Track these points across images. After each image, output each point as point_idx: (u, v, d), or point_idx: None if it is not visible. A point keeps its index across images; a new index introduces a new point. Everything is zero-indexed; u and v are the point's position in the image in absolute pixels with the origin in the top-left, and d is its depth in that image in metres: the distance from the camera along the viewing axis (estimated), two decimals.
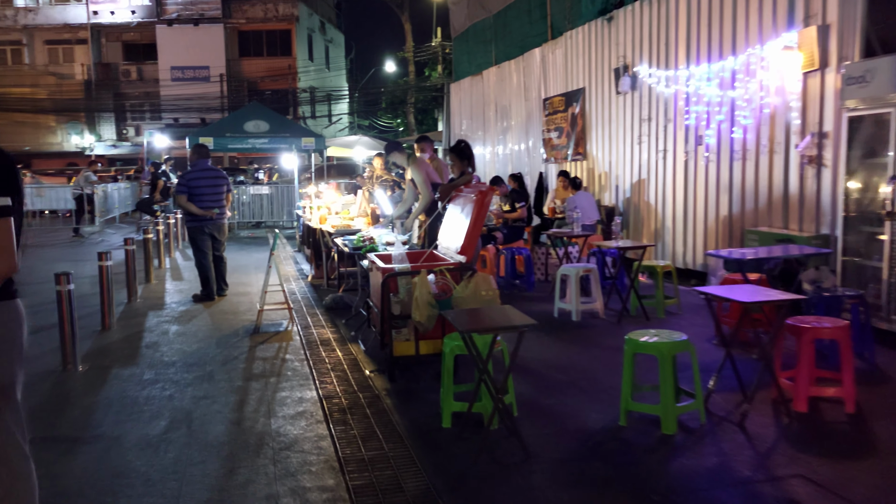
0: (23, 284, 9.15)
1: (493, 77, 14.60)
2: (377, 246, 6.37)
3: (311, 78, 37.83)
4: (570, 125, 11.26)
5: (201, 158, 8.43)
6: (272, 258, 7.05)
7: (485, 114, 15.27)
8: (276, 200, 17.90)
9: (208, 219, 8.25)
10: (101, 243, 14.45)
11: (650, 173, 9.24)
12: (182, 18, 35.27)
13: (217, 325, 7.06)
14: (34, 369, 5.52)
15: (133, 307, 8.00)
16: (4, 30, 35.38)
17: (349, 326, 6.89)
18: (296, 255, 12.47)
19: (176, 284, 9.57)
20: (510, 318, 3.77)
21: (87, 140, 34.86)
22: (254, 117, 17.40)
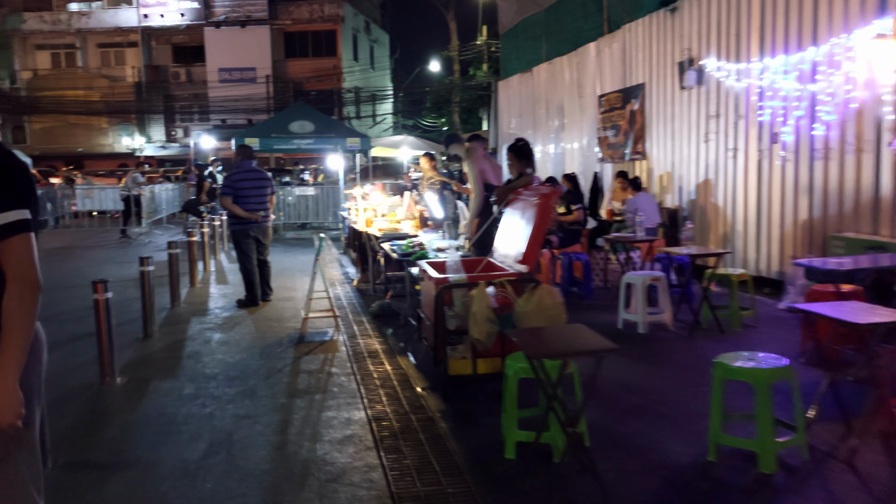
0: (67, 288, 9.03)
1: (544, 74, 14.09)
2: (427, 252, 5.95)
3: (355, 78, 37.77)
4: (628, 123, 10.69)
5: (245, 159, 8.16)
6: (317, 264, 6.71)
7: (535, 112, 14.77)
8: (321, 201, 17.69)
9: (253, 221, 7.97)
10: (147, 245, 14.41)
11: (718, 173, 8.63)
12: (229, 20, 35.57)
13: (261, 334, 6.75)
14: (71, 382, 5.28)
15: (176, 313, 7.76)
16: (59, 33, 36.22)
17: (398, 337, 6.50)
18: (341, 258, 12.17)
19: (220, 288, 9.34)
20: (587, 340, 3.31)
21: (137, 141, 35.43)
22: (299, 117, 17.23)
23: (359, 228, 9.25)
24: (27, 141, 36.13)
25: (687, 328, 6.46)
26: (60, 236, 16.35)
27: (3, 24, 34.54)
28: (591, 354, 3.22)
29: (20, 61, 36.42)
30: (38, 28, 35.93)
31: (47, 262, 11.77)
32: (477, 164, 6.27)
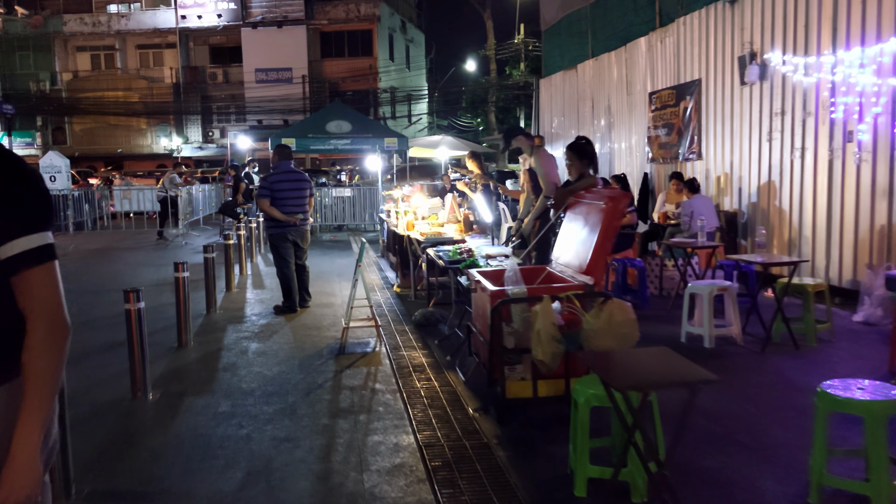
0: (101, 292, 8.83)
1: (590, 71, 13.58)
2: (477, 260, 5.54)
3: (391, 78, 37.57)
4: (681, 121, 10.15)
5: (283, 160, 7.84)
6: (358, 270, 6.34)
7: (579, 110, 14.26)
8: (358, 203, 17.41)
9: (291, 225, 7.66)
10: (184, 247, 14.27)
11: (783, 174, 8.07)
12: (266, 21, 35.63)
13: (299, 343, 6.41)
14: (100, 397, 4.99)
15: (212, 320, 7.48)
16: (99, 35, 36.70)
17: (443, 349, 6.11)
18: (379, 261, 11.84)
19: (257, 293, 9.06)
20: (677, 368, 2.87)
21: (174, 142, 35.69)
22: (336, 117, 16.98)
23: (399, 232, 8.88)
24: (68, 142, 36.68)
25: (758, 343, 5.95)
26: (97, 238, 16.33)
27: (44, 27, 35.06)
28: (688, 386, 2.78)
29: (61, 63, 36.98)
30: (78, 30, 36.44)
31: (83, 265, 11.76)
32: (546, 161, 5.86)
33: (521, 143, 6.16)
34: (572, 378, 4.03)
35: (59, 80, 36.66)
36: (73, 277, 10.45)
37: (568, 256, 4.59)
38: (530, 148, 6.11)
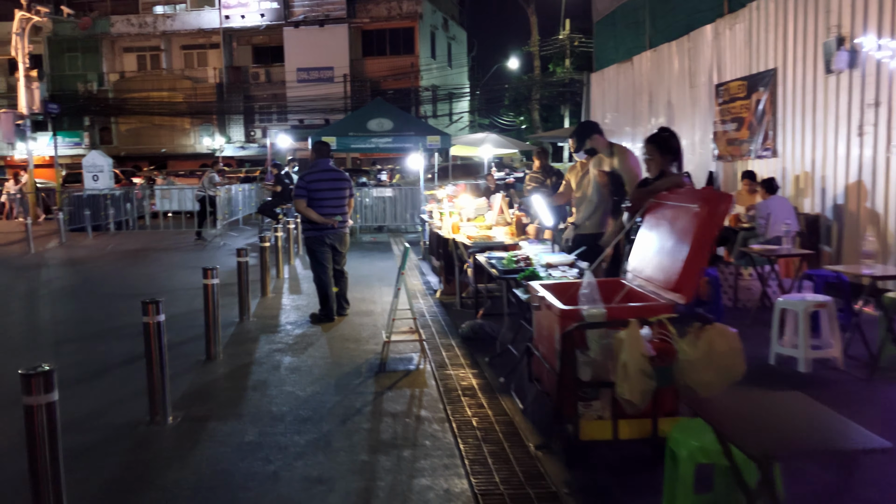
0: (132, 296, 8.40)
1: (647, 62, 12.76)
2: (537, 269, 4.86)
3: (432, 76, 37.04)
4: (753, 115, 9.30)
5: (322, 157, 7.28)
6: (401, 279, 5.72)
7: (635, 105, 13.44)
8: (399, 203, 16.84)
9: (329, 227, 7.09)
10: (221, 248, 13.88)
11: (876, 173, 7.18)
12: (308, 20, 35.42)
13: (336, 358, 5.82)
14: (116, 420, 4.46)
15: (244, 329, 6.95)
16: (145, 36, 36.97)
17: (495, 368, 5.45)
18: (420, 265, 11.23)
19: (293, 299, 8.52)
20: (834, 429, 2.16)
21: (217, 142, 35.75)
22: (377, 115, 16.43)
23: (443, 234, 8.25)
24: (114, 142, 37.04)
25: (862, 367, 5.14)
26: (136, 238, 16.10)
27: (92, 28, 35.45)
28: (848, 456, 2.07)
29: (108, 64, 37.38)
30: (125, 31, 36.77)
31: (117, 267, 11.39)
32: (632, 161, 5.17)
33: (597, 144, 5.43)
34: (661, 417, 3.33)
35: (106, 81, 37.05)
36: (106, 280, 10.09)
37: (650, 269, 3.88)
38: (609, 148, 5.40)
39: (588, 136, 5.43)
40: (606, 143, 5.48)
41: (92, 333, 6.87)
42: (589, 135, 5.43)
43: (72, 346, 6.43)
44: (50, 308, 8.20)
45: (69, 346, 6.43)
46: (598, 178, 5.28)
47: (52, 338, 6.75)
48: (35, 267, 11.63)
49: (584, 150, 5.49)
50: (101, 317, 7.64)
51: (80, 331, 7.01)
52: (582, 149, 5.50)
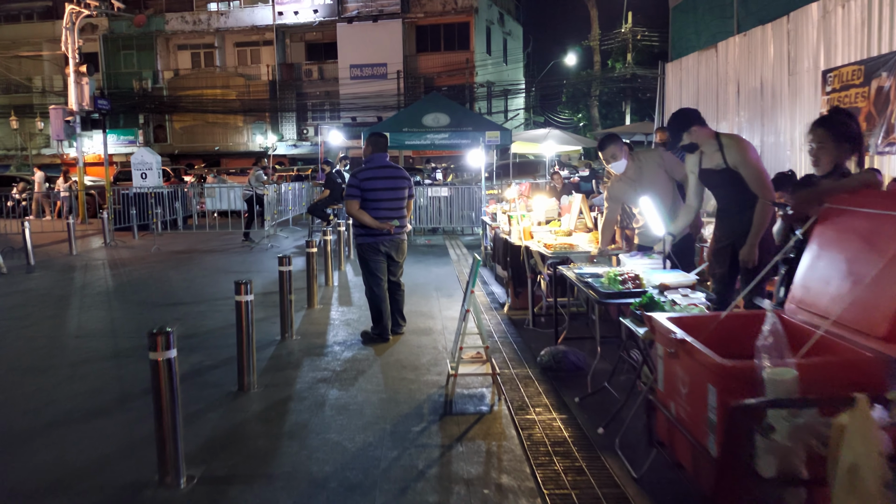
0: (167, 306, 7.59)
1: (736, 49, 11.43)
2: (655, 295, 3.76)
3: (487, 72, 36.01)
4: (873, 104, 7.95)
5: (378, 152, 6.31)
6: (470, 299, 4.69)
7: (719, 97, 12.11)
8: (455, 203, 15.85)
9: (384, 233, 6.12)
10: (269, 250, 13.11)
11: None
12: (362, 15, 34.79)
13: (392, 392, 4.83)
14: (116, 480, 3.55)
15: (285, 350, 6.03)
16: (199, 33, 36.93)
17: (588, 411, 4.38)
18: (481, 271, 10.20)
19: (343, 312, 7.59)
20: None
21: (269, 140, 35.43)
22: (433, 110, 15.49)
23: (512, 241, 7.19)
24: (168, 140, 37.12)
25: None
26: (182, 239, 15.49)
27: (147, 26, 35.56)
28: None
29: (163, 61, 37.48)
30: (179, 28, 36.80)
31: (158, 270, 10.55)
32: (755, 155, 4.09)
33: (697, 137, 4.33)
34: None
35: (161, 79, 37.15)
36: (143, 286, 9.36)
37: (833, 303, 2.75)
38: (715, 140, 4.29)
39: (685, 127, 4.33)
40: (711, 133, 4.36)
41: (112, 352, 6.04)
42: (686, 126, 4.33)
43: (86, 367, 5.60)
44: (76, 318, 7.46)
45: (83, 367, 5.60)
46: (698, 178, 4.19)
47: (65, 357, 5.94)
48: (72, 270, 11.03)
49: (682, 145, 4.39)
50: (127, 330, 6.85)
51: (99, 348, 6.20)
52: (679, 144, 4.40)
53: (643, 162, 5.07)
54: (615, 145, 5.05)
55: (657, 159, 5.08)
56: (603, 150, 5.10)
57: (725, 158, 4.21)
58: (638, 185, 5.11)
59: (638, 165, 5.07)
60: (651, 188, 5.02)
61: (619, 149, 5.06)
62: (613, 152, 5.05)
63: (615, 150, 5.05)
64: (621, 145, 5.06)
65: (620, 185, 5.25)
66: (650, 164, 5.05)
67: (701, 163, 4.38)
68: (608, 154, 5.08)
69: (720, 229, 4.52)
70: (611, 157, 5.07)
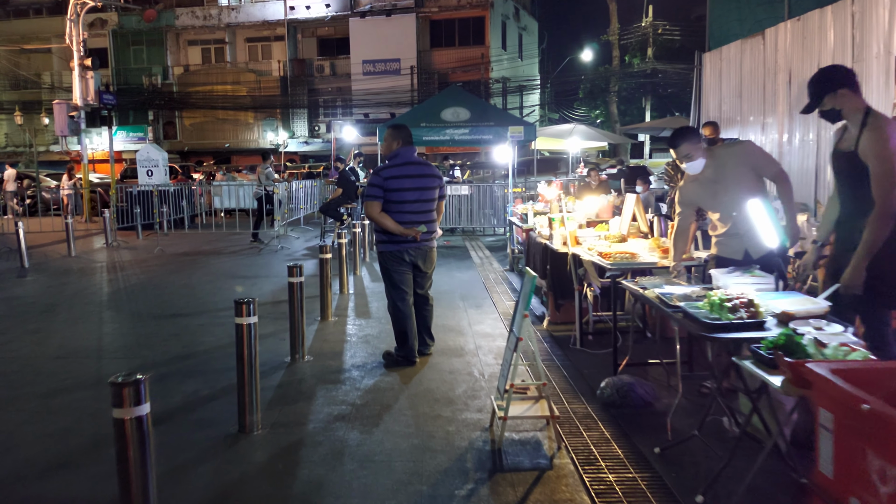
0: (166, 318, 6.75)
1: (787, 35, 10.47)
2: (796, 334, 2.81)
3: (503, 68, 35.09)
4: None
5: (404, 146, 5.43)
6: (524, 324, 3.79)
7: (766, 88, 11.15)
8: (475, 202, 14.97)
9: (410, 240, 5.25)
10: (279, 252, 12.27)
11: None
12: (375, 10, 33.95)
13: (425, 437, 3.95)
14: None
15: (296, 375, 5.17)
16: (209, 28, 36.22)
17: (674, 467, 3.48)
18: (508, 277, 9.33)
19: (360, 326, 6.72)
20: None
21: (280, 137, 34.67)
22: (452, 104, 14.56)
23: (555, 247, 6.29)
24: (178, 137, 36.43)
25: None
26: (188, 239, 14.69)
27: (157, 21, 34.87)
28: None
29: (173, 57, 36.80)
30: (190, 23, 36.11)
31: (159, 274, 9.59)
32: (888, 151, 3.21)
33: (846, 105, 3.40)
34: None
35: (171, 75, 36.47)
36: (140, 293, 8.53)
37: None
38: (862, 115, 3.38)
39: (832, 88, 3.43)
40: (862, 104, 3.44)
41: (94, 378, 5.19)
42: (834, 86, 3.43)
43: (61, 399, 4.76)
44: (60, 333, 6.62)
45: (57, 398, 4.76)
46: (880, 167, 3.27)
47: (38, 384, 5.10)
48: (67, 273, 10.23)
49: (822, 110, 3.49)
50: (116, 348, 6.01)
51: (80, 373, 5.36)
52: (817, 107, 3.51)
53: (724, 159, 4.17)
54: (690, 142, 4.14)
55: (741, 155, 4.17)
56: (676, 147, 4.18)
57: (858, 141, 3.32)
58: (717, 187, 4.20)
59: (718, 163, 4.16)
60: (735, 190, 4.12)
61: (695, 146, 4.15)
62: (688, 150, 4.14)
63: (690, 147, 4.14)
64: (697, 141, 4.14)
65: (694, 188, 4.35)
66: (733, 161, 4.14)
67: (841, 140, 3.49)
68: (682, 152, 4.17)
69: (837, 237, 3.62)
70: (685, 156, 4.16)
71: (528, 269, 4.01)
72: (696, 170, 4.18)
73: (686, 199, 4.43)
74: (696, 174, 4.21)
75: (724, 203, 4.19)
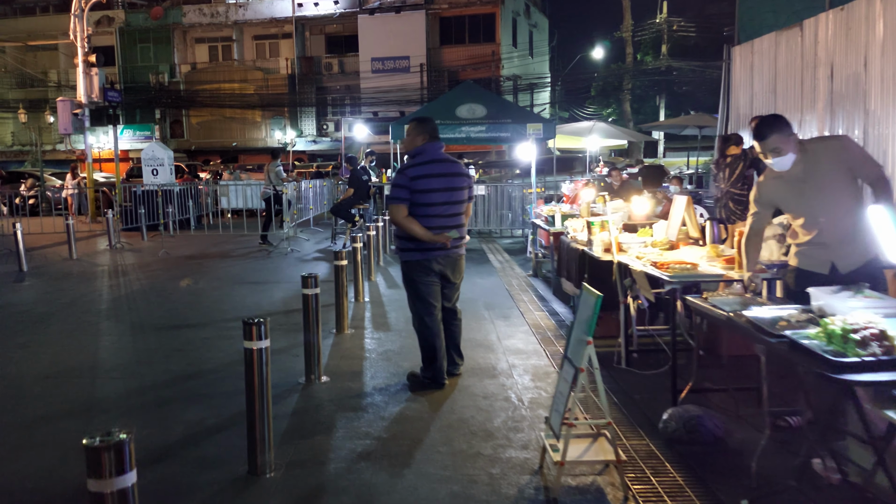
0: (168, 331, 6.15)
1: (829, 27, 9.84)
2: None
3: (513, 65, 34.51)
4: None
5: (431, 141, 4.87)
6: (587, 351, 3.22)
7: (804, 83, 10.52)
8: (492, 202, 14.39)
9: (439, 248, 4.68)
10: (289, 255, 11.73)
11: None
12: (384, 7, 33.39)
13: (465, 484, 3.37)
14: None
15: (313, 401, 4.60)
16: (217, 26, 35.76)
17: None
18: (534, 283, 8.76)
19: (379, 339, 6.16)
20: None
21: (288, 135, 34.17)
22: (468, 100, 14.01)
23: (595, 254, 5.71)
24: (185, 135, 35.99)
25: None
26: (194, 241, 14.16)
27: (164, 18, 34.44)
28: None
29: (180, 55, 36.35)
30: (197, 21, 35.65)
31: (161, 280, 8.98)
32: None
33: None
34: None
35: (178, 73, 36.02)
36: (143, 301, 8.00)
37: None
38: None
39: None
40: None
41: (86, 402, 4.65)
42: None
43: (46, 429, 4.21)
44: (53, 348, 6.09)
45: (42, 429, 4.21)
46: None
47: (23, 410, 4.56)
48: (66, 278, 9.71)
49: None
50: (113, 366, 5.46)
51: (71, 396, 4.82)
52: None
53: (818, 155, 3.57)
54: (781, 133, 3.53)
55: (838, 151, 3.58)
56: (763, 139, 3.56)
57: None
58: (805, 187, 3.61)
59: (810, 160, 3.57)
60: (826, 192, 3.54)
61: (785, 139, 3.54)
62: (778, 143, 3.53)
63: (780, 140, 3.53)
64: (789, 133, 3.53)
65: (778, 186, 3.75)
66: (827, 158, 3.55)
67: None
68: (769, 145, 3.55)
69: None
70: (772, 150, 3.56)
71: (588, 287, 3.43)
72: (783, 166, 3.58)
73: (765, 197, 3.84)
74: (783, 171, 3.62)
75: (811, 206, 3.60)
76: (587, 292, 3.37)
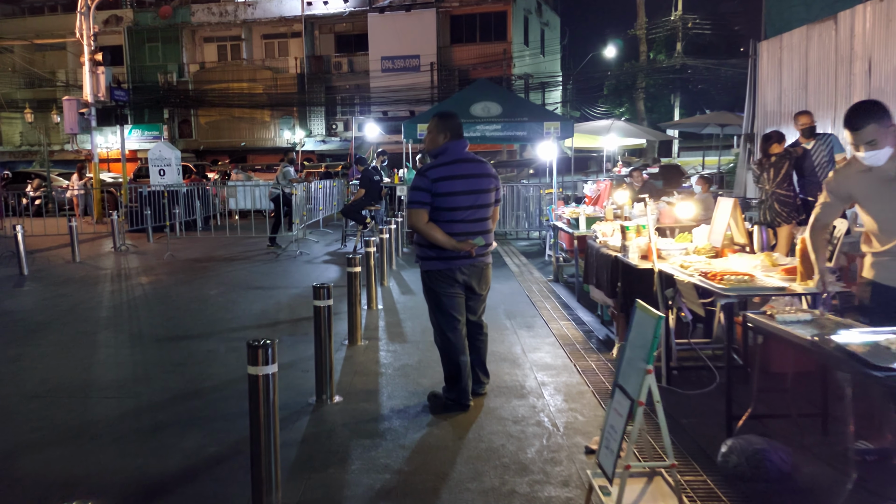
0: (168, 342, 5.70)
1: (867, 19, 9.35)
2: None
3: (525, 64, 34.04)
4: None
5: (454, 140, 4.43)
6: (643, 382, 2.76)
7: (839, 78, 10.02)
8: (507, 204, 13.93)
9: (464, 256, 4.23)
10: (298, 258, 11.31)
11: None
12: (394, 5, 32.98)
13: None
14: None
15: (324, 426, 4.16)
16: (226, 25, 35.46)
17: None
18: (555, 289, 8.31)
19: (395, 352, 5.72)
20: None
21: (297, 135, 33.82)
22: (482, 98, 13.58)
23: (631, 261, 5.25)
24: (193, 135, 35.70)
25: None
26: (200, 243, 13.77)
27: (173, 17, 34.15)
28: None
29: (189, 54, 36.07)
30: (205, 20, 35.36)
31: (165, 285, 8.55)
32: None
33: None
34: None
35: (186, 72, 35.73)
36: (145, 309, 7.59)
37: None
38: None
39: None
40: None
41: (77, 426, 4.23)
42: None
43: (30, 459, 3.78)
44: (46, 362, 5.68)
45: (26, 458, 3.78)
46: None
47: (6, 436, 4.14)
48: (68, 283, 9.33)
49: None
50: (109, 382, 5.05)
51: (59, 419, 4.41)
52: None
53: None
54: (880, 124, 3.05)
55: None
56: (860, 128, 3.08)
57: None
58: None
59: None
60: None
61: (884, 130, 3.06)
62: (875, 135, 3.05)
63: (879, 131, 3.05)
64: (889, 124, 3.06)
65: (864, 181, 3.27)
66: None
67: None
68: (866, 136, 3.07)
69: None
70: (868, 142, 3.08)
71: (644, 305, 2.97)
72: (877, 161, 3.12)
73: (844, 190, 3.37)
74: (876, 166, 3.15)
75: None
76: (643, 312, 2.91)
